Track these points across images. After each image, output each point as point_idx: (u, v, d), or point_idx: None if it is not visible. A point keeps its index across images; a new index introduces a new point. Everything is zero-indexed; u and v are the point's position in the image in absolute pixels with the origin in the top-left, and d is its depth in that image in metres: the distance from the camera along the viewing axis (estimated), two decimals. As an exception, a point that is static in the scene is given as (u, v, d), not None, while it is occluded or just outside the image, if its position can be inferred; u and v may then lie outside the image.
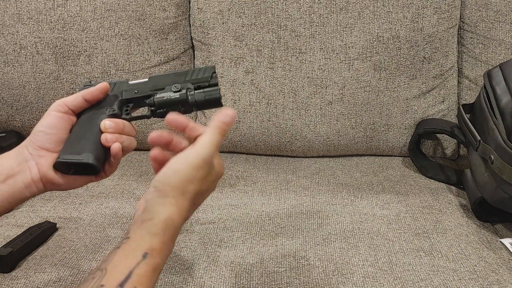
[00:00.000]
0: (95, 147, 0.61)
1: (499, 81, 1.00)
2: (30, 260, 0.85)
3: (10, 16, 1.20)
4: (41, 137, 0.62)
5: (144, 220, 0.53)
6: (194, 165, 0.55)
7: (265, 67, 1.21)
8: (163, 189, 0.54)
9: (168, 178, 0.55)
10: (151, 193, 0.55)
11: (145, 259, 0.50)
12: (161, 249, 0.52)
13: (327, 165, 1.23)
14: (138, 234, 0.52)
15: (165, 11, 1.22)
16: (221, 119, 0.59)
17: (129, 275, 0.49)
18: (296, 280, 0.80)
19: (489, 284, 0.80)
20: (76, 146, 0.61)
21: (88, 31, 1.20)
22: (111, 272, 0.49)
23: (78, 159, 0.60)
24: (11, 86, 1.24)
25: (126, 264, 0.49)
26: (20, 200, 0.61)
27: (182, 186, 0.55)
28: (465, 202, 1.05)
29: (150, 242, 0.52)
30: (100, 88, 0.65)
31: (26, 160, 0.61)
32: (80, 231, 0.93)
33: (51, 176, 0.61)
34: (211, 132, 0.58)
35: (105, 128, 0.63)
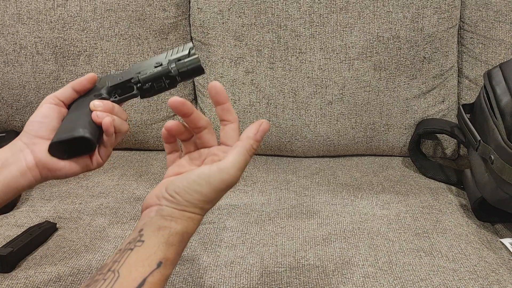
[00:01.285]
0: (87, 124, 0.62)
1: (499, 81, 1.00)
2: (30, 260, 0.85)
3: (10, 16, 1.20)
4: (35, 126, 0.63)
5: (160, 227, 0.52)
6: (217, 189, 0.53)
7: (265, 67, 1.21)
8: (181, 203, 0.54)
9: (188, 196, 0.53)
10: (168, 201, 0.54)
11: (159, 268, 0.50)
12: (174, 259, 0.52)
13: (327, 165, 1.23)
14: (154, 241, 0.51)
15: (165, 11, 1.22)
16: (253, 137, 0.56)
17: (142, 282, 0.48)
18: (296, 280, 0.80)
19: (489, 284, 0.80)
20: (66, 127, 0.62)
21: (88, 31, 1.20)
22: (124, 277, 0.48)
23: (71, 135, 0.60)
24: (11, 86, 1.24)
25: (140, 271, 0.49)
26: (16, 189, 0.61)
27: (201, 205, 0.54)
28: (465, 202, 1.05)
29: (165, 252, 0.51)
30: (88, 77, 0.66)
31: (21, 150, 0.61)
32: (80, 231, 0.93)
33: (45, 160, 0.61)
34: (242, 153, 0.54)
35: (95, 107, 0.63)
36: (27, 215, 0.98)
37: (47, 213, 0.99)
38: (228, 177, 0.53)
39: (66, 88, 0.65)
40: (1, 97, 1.25)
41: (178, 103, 0.56)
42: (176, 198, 0.53)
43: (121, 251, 0.51)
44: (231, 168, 0.53)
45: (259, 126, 0.56)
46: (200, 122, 0.58)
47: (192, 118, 0.57)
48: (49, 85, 1.23)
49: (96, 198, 1.05)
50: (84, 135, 0.60)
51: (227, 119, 0.58)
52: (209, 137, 0.59)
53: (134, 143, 1.29)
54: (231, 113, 0.58)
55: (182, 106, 0.56)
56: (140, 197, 1.05)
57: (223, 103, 0.57)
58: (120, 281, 0.48)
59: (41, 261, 0.85)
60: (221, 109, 0.57)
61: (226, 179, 0.53)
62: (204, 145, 0.60)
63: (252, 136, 0.55)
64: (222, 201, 1.04)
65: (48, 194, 1.07)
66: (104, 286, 0.47)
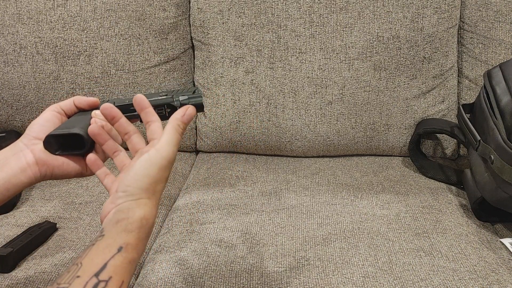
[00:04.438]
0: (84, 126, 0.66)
1: (499, 81, 1.00)
2: (30, 260, 0.85)
3: (10, 16, 1.20)
4: (37, 128, 0.66)
5: (118, 220, 0.56)
6: (161, 167, 0.59)
7: (265, 67, 1.21)
8: (135, 192, 0.58)
9: (139, 182, 0.58)
10: (122, 198, 0.58)
11: (121, 252, 0.52)
12: (137, 245, 0.55)
13: (327, 165, 1.23)
14: (113, 232, 0.55)
15: (165, 11, 1.22)
16: (180, 118, 0.63)
17: (104, 266, 0.51)
18: (296, 280, 0.80)
19: (489, 284, 0.80)
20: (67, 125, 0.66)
21: (88, 31, 1.20)
22: (86, 264, 0.51)
23: (67, 131, 0.64)
24: (11, 86, 1.24)
25: (101, 257, 0.51)
26: (16, 186, 0.63)
27: (152, 188, 0.59)
28: (465, 202, 1.05)
29: (125, 238, 0.54)
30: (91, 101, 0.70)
31: (21, 150, 0.65)
32: (80, 231, 0.93)
33: (45, 158, 0.65)
34: (172, 132, 0.61)
35: (95, 115, 0.67)
36: (27, 215, 0.98)
37: (47, 213, 0.99)
38: (167, 153, 0.59)
39: (69, 100, 0.70)
40: (1, 97, 1.25)
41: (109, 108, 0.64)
42: (128, 191, 0.58)
43: (84, 249, 0.54)
44: (167, 145, 0.60)
45: (186, 110, 0.64)
46: (129, 127, 0.65)
47: (120, 123, 0.64)
48: (49, 85, 1.23)
49: (96, 198, 1.05)
50: (79, 132, 0.64)
51: (151, 119, 0.63)
52: (139, 140, 0.65)
53: (134, 143, 1.28)
54: (154, 114, 0.64)
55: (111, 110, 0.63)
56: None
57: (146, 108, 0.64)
58: (82, 269, 0.50)
59: (41, 261, 0.85)
60: (145, 113, 0.64)
61: (166, 155, 0.59)
62: (136, 147, 0.65)
63: (180, 118, 0.63)
64: (222, 201, 1.04)
65: (48, 194, 1.07)
66: (68, 276, 0.50)
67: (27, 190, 1.08)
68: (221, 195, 1.06)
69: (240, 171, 1.18)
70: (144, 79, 1.24)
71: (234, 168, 1.20)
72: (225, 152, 1.29)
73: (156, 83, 1.25)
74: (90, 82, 1.22)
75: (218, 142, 1.27)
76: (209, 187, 1.10)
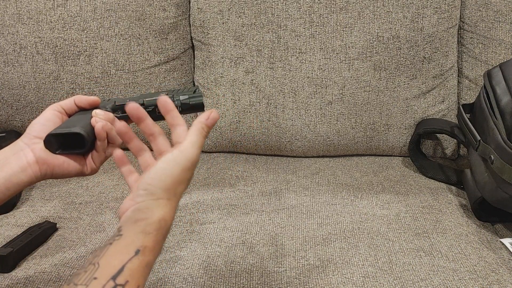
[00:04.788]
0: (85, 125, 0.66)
1: (499, 81, 1.00)
2: (30, 260, 0.85)
3: (10, 16, 1.20)
4: (37, 128, 0.66)
5: (137, 219, 0.55)
6: (184, 168, 0.58)
7: (265, 67, 1.21)
8: (156, 192, 0.57)
9: (161, 182, 0.57)
10: (142, 196, 0.57)
11: (138, 255, 0.52)
12: (154, 247, 0.55)
13: (327, 165, 1.23)
14: (131, 232, 0.54)
15: (165, 11, 1.23)
16: (204, 121, 0.62)
17: (121, 268, 0.50)
18: (296, 280, 0.80)
19: (489, 284, 0.80)
20: (68, 124, 0.66)
21: (88, 31, 1.20)
22: (103, 266, 0.50)
23: (68, 130, 0.64)
24: (11, 86, 1.24)
25: (119, 259, 0.51)
26: (17, 185, 0.64)
27: (173, 189, 0.58)
28: (465, 202, 1.05)
29: (143, 240, 0.54)
30: (91, 100, 0.70)
31: (22, 149, 0.65)
32: (80, 231, 0.93)
33: (45, 157, 0.65)
34: (196, 134, 0.61)
35: (96, 114, 0.67)
36: (27, 215, 0.98)
37: (47, 213, 0.99)
38: (191, 155, 0.59)
39: (70, 100, 0.70)
40: (1, 97, 1.25)
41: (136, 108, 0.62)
42: (149, 189, 0.57)
43: (101, 248, 0.54)
44: (191, 147, 0.59)
45: (210, 114, 0.63)
46: (154, 128, 0.63)
47: (146, 123, 0.63)
48: (49, 85, 1.23)
49: (96, 198, 1.05)
50: (79, 132, 0.64)
51: (177, 122, 0.62)
52: (164, 142, 0.64)
53: (134, 143, 1.28)
54: (180, 117, 0.63)
55: (138, 111, 0.62)
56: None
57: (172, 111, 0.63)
58: (100, 270, 0.50)
59: (41, 261, 0.85)
60: (170, 116, 0.63)
61: (189, 157, 0.59)
62: (161, 149, 0.64)
63: (204, 121, 0.62)
64: (222, 201, 1.04)
65: (48, 194, 1.07)
66: (85, 276, 0.50)
67: (27, 190, 1.08)
68: (221, 195, 1.06)
69: (240, 171, 1.18)
70: (144, 79, 1.24)
71: (234, 168, 1.20)
72: (225, 152, 1.29)
73: (156, 83, 1.25)
74: (90, 82, 1.22)
75: (218, 142, 1.27)
76: (209, 187, 1.10)
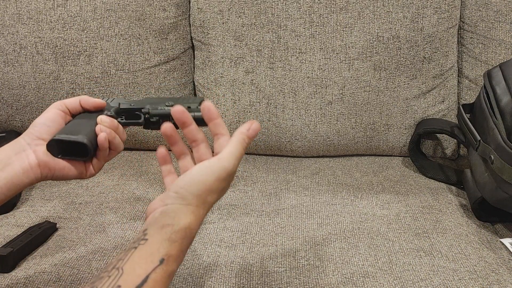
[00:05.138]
0: (89, 133, 0.66)
1: (499, 81, 1.00)
2: (30, 260, 0.85)
3: (10, 16, 1.20)
4: (40, 128, 0.66)
5: (164, 225, 0.54)
6: (219, 178, 0.57)
7: (265, 67, 1.21)
8: (186, 197, 0.56)
9: (193, 187, 0.57)
10: (172, 198, 0.57)
11: (162, 265, 0.51)
12: (178, 256, 0.54)
13: (327, 165, 1.23)
14: (157, 238, 0.53)
15: (165, 11, 1.23)
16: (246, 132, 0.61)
17: (145, 279, 0.50)
18: (296, 280, 0.80)
19: (489, 284, 0.80)
20: (72, 129, 0.66)
21: (88, 31, 1.20)
22: (128, 273, 0.50)
23: (73, 138, 0.64)
24: (11, 86, 1.24)
25: (143, 268, 0.51)
26: (18, 186, 0.63)
27: (204, 196, 0.57)
28: (465, 202, 1.05)
29: (168, 249, 0.53)
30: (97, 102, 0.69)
31: (24, 150, 0.65)
32: (80, 231, 0.93)
33: (47, 160, 0.65)
34: (236, 145, 0.59)
35: (101, 121, 0.67)
36: (27, 215, 0.98)
37: (47, 213, 0.99)
38: (228, 165, 0.57)
39: (75, 99, 0.69)
40: (1, 97, 1.25)
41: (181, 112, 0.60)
42: (181, 193, 0.56)
43: (125, 250, 0.53)
44: (230, 157, 0.58)
45: (251, 125, 0.61)
46: (198, 135, 0.62)
47: (190, 129, 0.61)
48: (49, 85, 1.23)
49: (96, 198, 1.05)
50: (83, 142, 0.64)
51: (220, 132, 0.61)
52: (206, 150, 0.62)
53: (134, 143, 1.29)
54: (223, 127, 0.62)
55: (183, 115, 0.60)
56: (140, 197, 1.05)
57: (215, 119, 0.61)
58: (124, 277, 0.49)
59: (41, 261, 0.85)
60: (213, 124, 0.61)
61: (226, 167, 0.57)
62: (201, 158, 0.62)
63: (245, 132, 0.61)
64: (222, 201, 1.04)
65: (48, 194, 1.07)
66: (109, 282, 0.49)
67: (27, 190, 1.08)
68: (221, 195, 1.06)
69: (240, 171, 1.18)
70: (144, 79, 1.24)
71: (234, 168, 1.19)
72: (225, 152, 1.29)
73: (156, 83, 1.25)
74: (90, 82, 1.22)
75: (218, 142, 1.27)
76: (209, 187, 1.10)
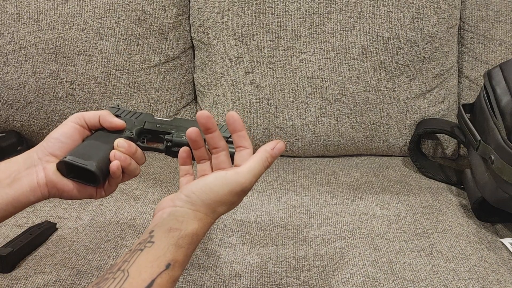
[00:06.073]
0: (102, 159, 0.62)
1: (499, 81, 1.00)
2: (30, 260, 0.85)
3: (10, 16, 1.20)
4: (54, 144, 0.63)
5: (171, 229, 0.54)
6: (232, 191, 0.57)
7: (265, 67, 1.21)
8: (196, 203, 0.56)
9: (204, 195, 0.56)
10: (182, 201, 0.56)
11: (168, 270, 0.51)
12: (183, 261, 0.54)
13: (327, 165, 1.22)
14: (164, 243, 0.53)
15: (165, 11, 1.22)
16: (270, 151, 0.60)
17: (151, 283, 0.50)
18: (296, 280, 0.80)
19: (489, 284, 0.80)
20: (85, 152, 0.62)
21: (88, 31, 1.20)
22: (133, 277, 0.50)
23: (83, 164, 0.61)
24: (11, 86, 1.23)
25: (149, 272, 0.50)
26: (24, 204, 0.62)
27: (214, 206, 0.57)
28: (465, 202, 1.05)
29: (174, 254, 0.53)
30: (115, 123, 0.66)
31: (35, 165, 0.63)
32: (80, 231, 0.93)
33: (56, 180, 0.62)
34: (258, 162, 0.58)
35: (118, 146, 0.64)
36: (27, 215, 0.98)
37: (47, 213, 0.99)
38: (244, 180, 0.56)
39: (94, 114, 0.66)
40: (1, 97, 1.25)
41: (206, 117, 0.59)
42: (191, 198, 0.56)
43: (131, 251, 0.53)
44: (247, 172, 0.57)
45: (276, 144, 0.61)
46: (220, 142, 0.61)
47: (213, 135, 0.60)
48: (49, 85, 1.23)
49: (96, 198, 1.05)
50: (92, 170, 0.61)
51: (243, 145, 0.60)
52: (225, 159, 0.61)
53: (134, 143, 1.28)
54: (247, 139, 0.61)
55: (208, 120, 0.59)
56: (140, 197, 1.05)
57: (240, 131, 0.60)
58: (129, 281, 0.49)
59: (41, 261, 0.85)
60: (237, 136, 0.60)
61: (242, 182, 0.56)
62: (220, 166, 0.61)
63: (269, 150, 0.59)
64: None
65: (48, 194, 1.07)
66: (114, 284, 0.49)
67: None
68: (221, 195, 1.06)
69: (240, 171, 1.18)
70: (144, 79, 1.24)
71: (234, 168, 1.19)
72: (225, 152, 1.29)
73: (156, 83, 1.25)
74: (90, 82, 1.22)
75: (218, 142, 1.27)
76: (209, 187, 1.10)
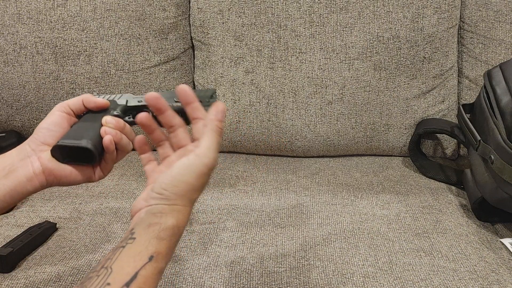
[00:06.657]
0: (94, 137, 0.63)
1: (499, 81, 1.00)
2: (30, 260, 0.85)
3: (10, 16, 1.20)
4: (44, 133, 0.64)
5: (151, 224, 0.54)
6: (201, 174, 0.57)
7: (265, 67, 1.21)
8: (171, 197, 0.56)
9: (176, 188, 0.56)
10: (156, 199, 0.56)
11: (151, 262, 0.51)
12: (167, 254, 0.54)
13: (327, 165, 1.23)
14: (145, 237, 0.53)
15: (165, 11, 1.22)
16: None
17: (135, 275, 0.50)
18: (296, 280, 0.80)
19: (489, 284, 0.80)
20: (76, 134, 0.63)
21: (88, 31, 1.20)
22: (117, 271, 0.50)
23: (76, 143, 0.62)
24: (11, 86, 1.24)
25: (132, 266, 0.50)
26: (22, 194, 0.62)
27: (189, 195, 0.57)
28: (465, 202, 1.05)
29: (157, 246, 0.53)
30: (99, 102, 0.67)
31: (28, 156, 0.63)
32: (80, 231, 0.93)
33: (52, 167, 0.63)
34: (211, 135, 0.58)
35: (106, 123, 0.64)
36: (27, 215, 0.98)
37: (47, 213, 0.99)
38: (207, 160, 0.57)
39: (78, 99, 0.67)
40: (1, 97, 1.25)
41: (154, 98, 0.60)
42: (164, 194, 0.56)
43: (113, 250, 0.53)
44: (207, 151, 0.57)
45: (217, 108, 0.60)
46: (174, 120, 0.62)
47: (166, 115, 0.61)
48: (49, 85, 1.23)
49: (96, 198, 1.05)
50: (87, 147, 0.61)
51: (198, 116, 0.61)
52: (184, 135, 0.62)
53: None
54: (201, 110, 0.61)
55: (157, 101, 0.60)
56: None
57: (192, 103, 0.61)
58: (113, 276, 0.49)
59: (41, 261, 0.85)
60: (191, 108, 0.61)
61: (206, 162, 0.57)
62: (180, 143, 0.62)
63: (214, 118, 0.59)
64: (222, 201, 1.04)
65: (48, 194, 1.07)
66: (98, 281, 0.49)
67: (27, 190, 1.08)
68: (221, 195, 1.06)
69: (240, 171, 1.18)
70: (144, 79, 1.24)
71: (234, 168, 1.20)
72: (225, 152, 1.29)
73: (156, 83, 1.25)
74: (90, 82, 1.22)
75: (218, 142, 1.27)
76: (209, 187, 1.10)
